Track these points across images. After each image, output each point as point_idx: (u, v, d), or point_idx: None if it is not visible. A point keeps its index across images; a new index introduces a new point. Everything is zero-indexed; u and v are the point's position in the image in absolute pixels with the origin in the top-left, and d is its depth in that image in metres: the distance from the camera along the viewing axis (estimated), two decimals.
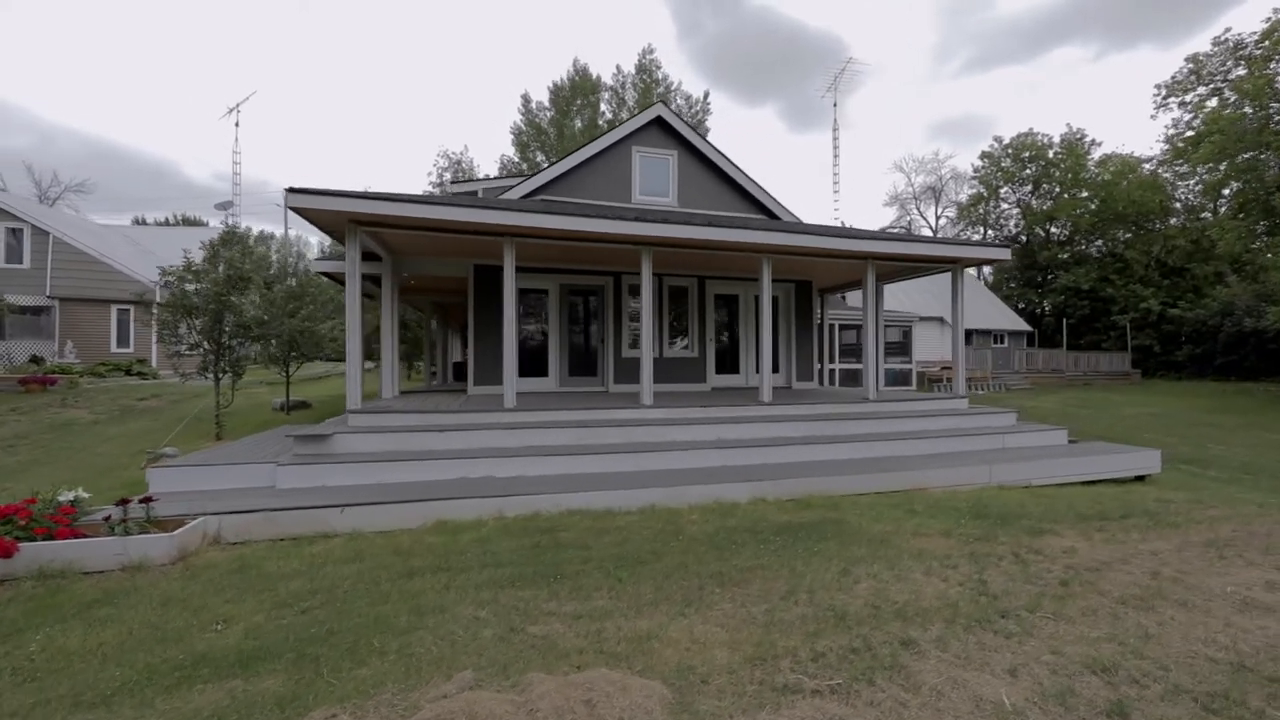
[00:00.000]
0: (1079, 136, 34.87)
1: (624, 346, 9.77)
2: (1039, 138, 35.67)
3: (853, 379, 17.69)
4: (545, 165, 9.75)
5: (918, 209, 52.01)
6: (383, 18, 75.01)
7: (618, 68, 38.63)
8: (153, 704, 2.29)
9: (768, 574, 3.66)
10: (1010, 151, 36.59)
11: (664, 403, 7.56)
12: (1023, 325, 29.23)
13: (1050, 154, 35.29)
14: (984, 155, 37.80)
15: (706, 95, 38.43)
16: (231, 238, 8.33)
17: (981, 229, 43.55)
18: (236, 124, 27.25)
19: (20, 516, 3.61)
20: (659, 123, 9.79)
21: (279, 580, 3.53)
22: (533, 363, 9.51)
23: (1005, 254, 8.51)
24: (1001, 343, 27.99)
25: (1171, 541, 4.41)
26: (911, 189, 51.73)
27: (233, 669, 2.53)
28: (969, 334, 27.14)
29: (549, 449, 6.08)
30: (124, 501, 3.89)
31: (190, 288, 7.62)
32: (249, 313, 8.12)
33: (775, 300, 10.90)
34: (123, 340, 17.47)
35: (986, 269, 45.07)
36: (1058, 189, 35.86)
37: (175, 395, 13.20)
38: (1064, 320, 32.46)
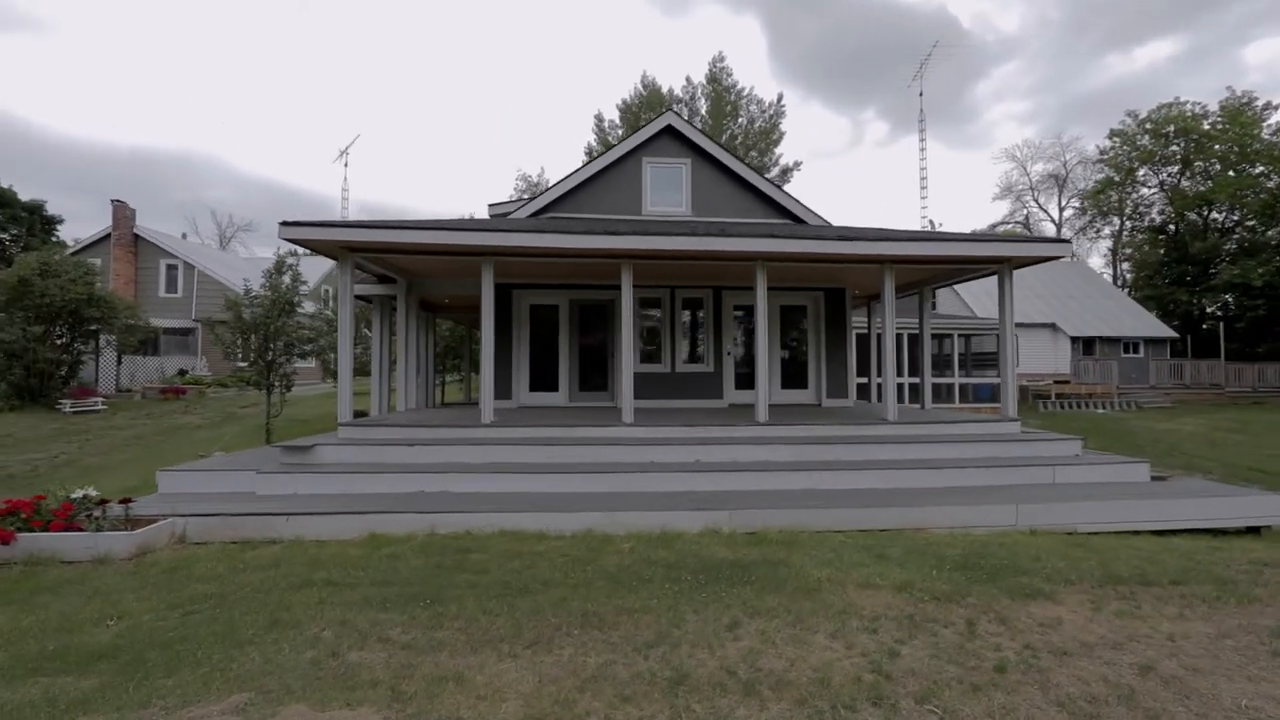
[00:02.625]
0: (1245, 102, 28.71)
1: (634, 361, 9.58)
2: (1187, 108, 29.89)
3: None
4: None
5: (1035, 200, 46.03)
6: (484, 54, 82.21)
7: (687, 79, 38.81)
8: None
9: (646, 618, 3.32)
10: (1149, 126, 31.03)
11: (651, 420, 7.29)
12: (1164, 331, 24.42)
13: (1205, 125, 29.38)
14: (1114, 134, 32.41)
15: (780, 99, 37.28)
16: (282, 266, 9.52)
17: (1116, 220, 37.39)
18: (345, 164, 31.10)
19: (24, 510, 4.29)
20: (670, 131, 9.58)
21: (194, 582, 3.84)
22: (543, 377, 9.66)
23: (1065, 250, 7.11)
24: (1134, 352, 23.59)
25: (1221, 623, 3.34)
26: (1027, 179, 45.91)
27: (76, 665, 2.77)
28: (1090, 342, 23.22)
29: (514, 466, 6.09)
30: (104, 502, 4.48)
31: (245, 313, 8.81)
32: (297, 333, 9.18)
33: (803, 309, 10.12)
34: (246, 355, 20.55)
35: (1124, 264, 38.58)
36: (1217, 165, 29.73)
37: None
38: (1226, 324, 26.64)
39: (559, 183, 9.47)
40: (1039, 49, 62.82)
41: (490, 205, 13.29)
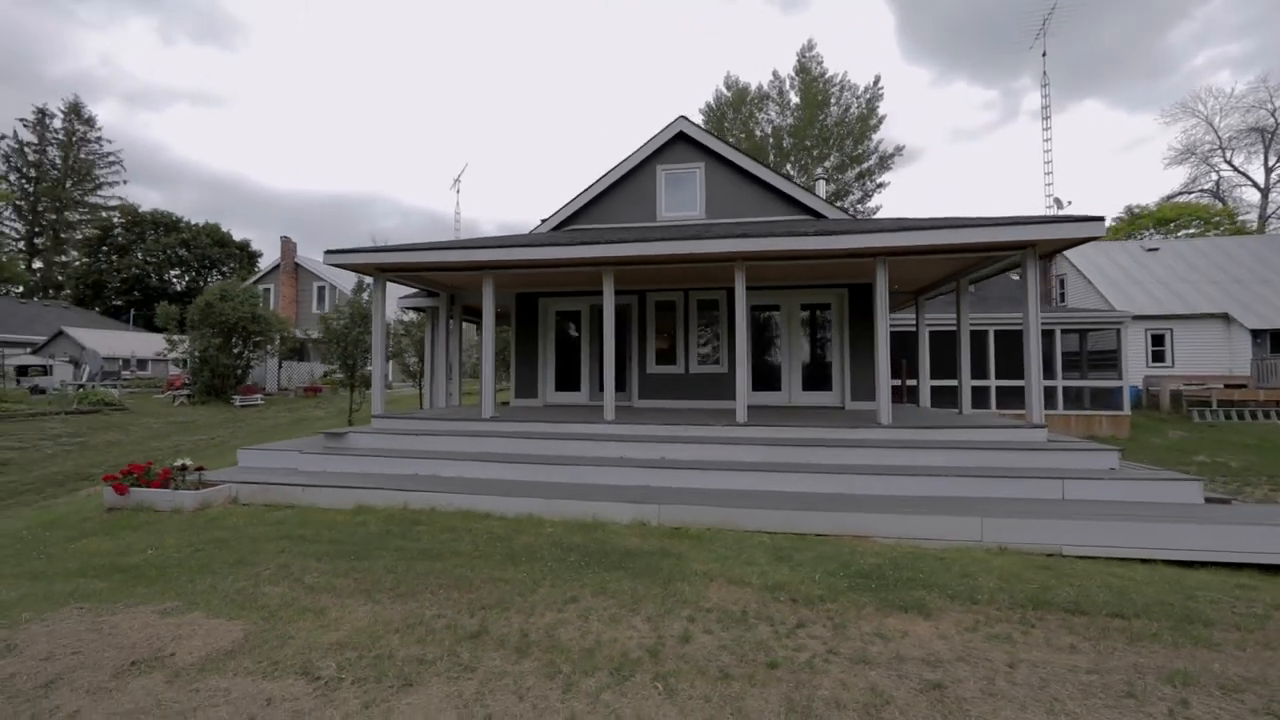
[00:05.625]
0: None
1: (649, 363, 9.93)
2: None
3: (1017, 397, 13.98)
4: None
5: (1228, 162, 37.17)
6: (609, 71, 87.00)
7: (774, 73, 37.67)
8: (52, 584, 3.80)
9: (505, 587, 3.77)
10: None
11: (633, 418, 7.61)
12: None
13: None
14: None
15: (877, 81, 34.64)
16: (361, 285, 11.43)
17: None
18: (458, 191, 35.22)
19: (135, 472, 5.95)
20: (682, 138, 9.77)
21: (217, 530, 5.07)
22: (567, 378, 10.39)
23: (1099, 229, 6.01)
24: None
25: (1110, 660, 2.92)
26: (1215, 136, 37.22)
27: (106, 574, 3.96)
28: (1274, 336, 18.31)
29: (496, 455, 6.81)
30: (184, 468, 6.02)
31: (333, 324, 10.79)
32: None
33: (828, 307, 9.66)
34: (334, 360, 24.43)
35: None
36: None
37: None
38: None
39: (578, 195, 10.14)
40: None
41: (542, 219, 14.45)
